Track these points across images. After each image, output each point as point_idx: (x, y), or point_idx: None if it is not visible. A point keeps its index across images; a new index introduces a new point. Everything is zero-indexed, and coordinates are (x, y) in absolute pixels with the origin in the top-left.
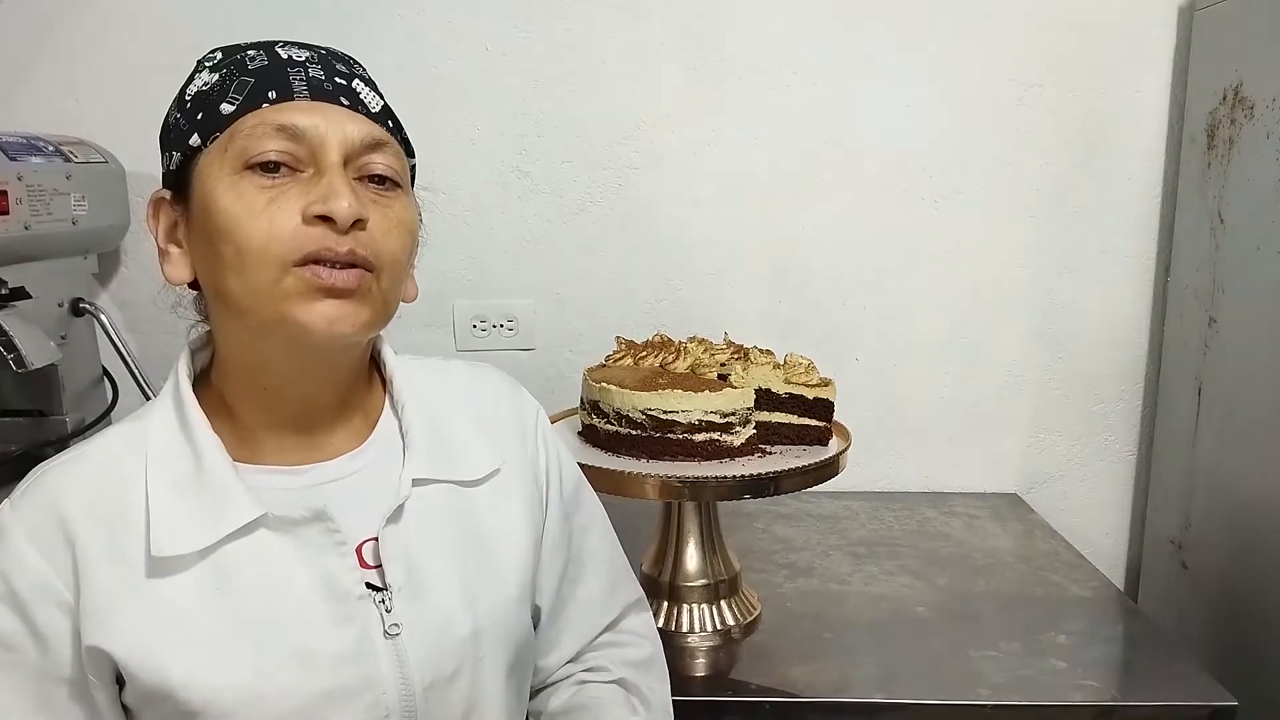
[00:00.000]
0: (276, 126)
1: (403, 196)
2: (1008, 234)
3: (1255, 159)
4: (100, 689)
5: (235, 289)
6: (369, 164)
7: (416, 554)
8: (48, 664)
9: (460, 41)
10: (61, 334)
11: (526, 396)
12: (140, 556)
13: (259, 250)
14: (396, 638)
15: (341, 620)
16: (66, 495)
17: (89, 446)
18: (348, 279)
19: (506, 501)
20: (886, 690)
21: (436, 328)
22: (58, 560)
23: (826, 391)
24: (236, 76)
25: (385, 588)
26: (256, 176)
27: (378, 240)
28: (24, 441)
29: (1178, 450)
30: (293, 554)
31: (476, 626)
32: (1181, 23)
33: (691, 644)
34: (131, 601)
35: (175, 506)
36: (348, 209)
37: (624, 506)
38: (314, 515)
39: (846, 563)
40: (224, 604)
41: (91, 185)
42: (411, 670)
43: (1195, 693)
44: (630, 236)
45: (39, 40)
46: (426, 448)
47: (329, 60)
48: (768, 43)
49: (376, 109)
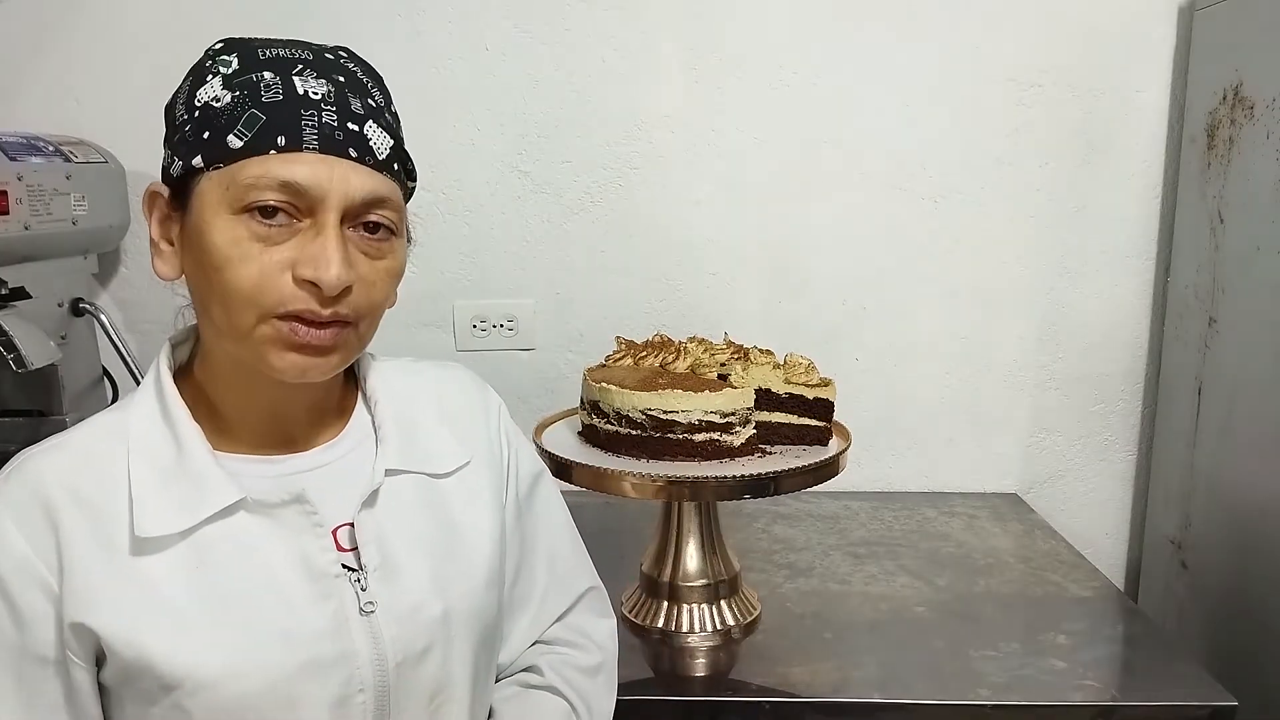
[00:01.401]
0: (279, 182)
1: (395, 243)
2: (1008, 234)
3: (1255, 159)
4: (79, 668)
5: (217, 317)
6: (367, 216)
7: (389, 539)
8: (26, 642)
9: (460, 41)
10: (61, 334)
11: (490, 393)
12: (123, 538)
13: (244, 296)
14: (371, 615)
15: (319, 597)
16: (49, 480)
17: (70, 435)
18: (323, 338)
19: (474, 493)
20: (886, 690)
21: (436, 328)
22: (41, 542)
23: (826, 391)
24: (248, 107)
25: (360, 568)
26: (253, 222)
27: (361, 295)
28: (24, 441)
29: (1178, 450)
30: (271, 535)
31: (447, 609)
32: (1181, 23)
33: (691, 644)
34: (115, 580)
35: (157, 490)
36: (335, 280)
37: (624, 506)
38: (293, 498)
39: (846, 563)
40: (204, 582)
41: (91, 185)
42: (385, 647)
43: (1195, 693)
44: (630, 236)
45: (39, 40)
46: (398, 441)
47: (344, 97)
48: (768, 42)
49: (384, 154)
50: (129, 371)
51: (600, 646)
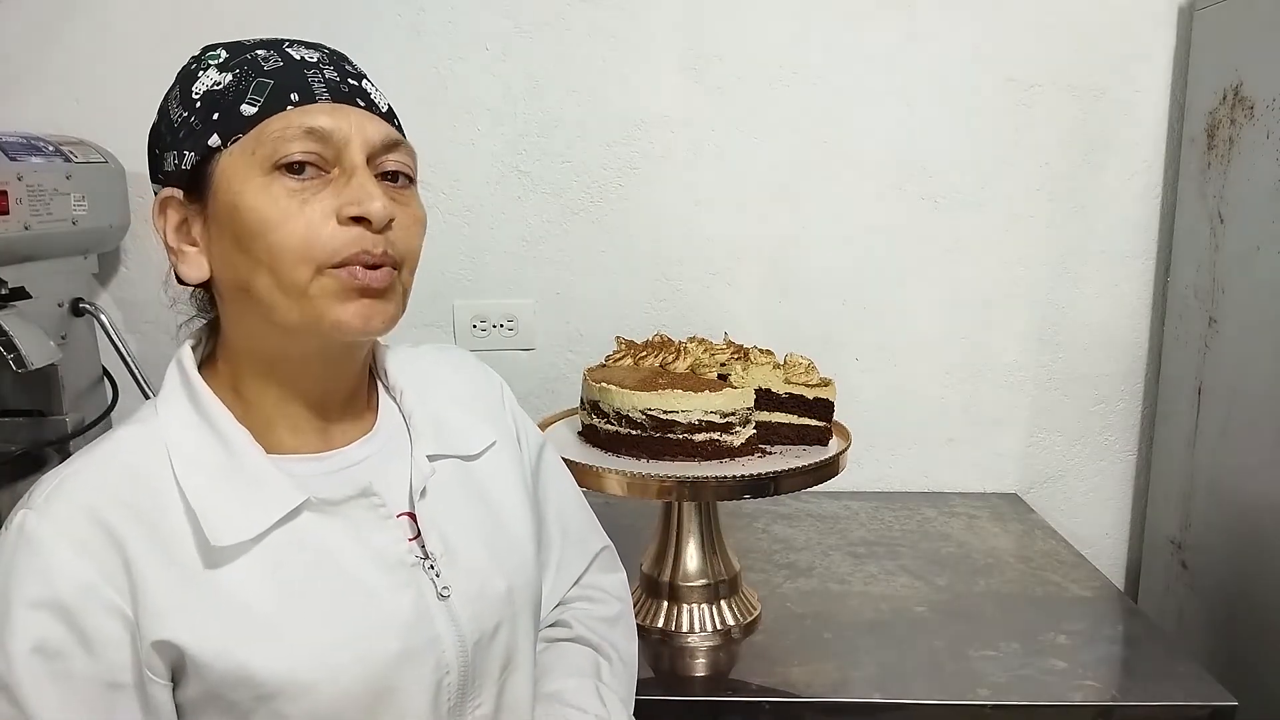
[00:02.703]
0: (305, 130)
1: (415, 193)
2: (1008, 234)
3: (1255, 159)
4: (160, 686)
5: (265, 287)
6: (388, 162)
7: (445, 525)
8: (99, 669)
9: (460, 41)
10: (61, 334)
11: (491, 371)
12: (189, 551)
13: (296, 251)
14: (448, 600)
15: (401, 586)
16: (99, 498)
17: (100, 451)
18: (381, 278)
19: (503, 470)
20: (886, 690)
21: (436, 328)
22: (105, 563)
23: (826, 391)
24: (253, 77)
25: (428, 555)
26: (285, 178)
27: (402, 238)
28: (24, 441)
29: (1178, 450)
30: (340, 532)
31: (509, 585)
32: (1181, 23)
33: (691, 644)
34: (193, 594)
35: (217, 499)
36: (382, 210)
37: (624, 506)
38: (359, 492)
39: (846, 563)
40: (285, 586)
41: (91, 185)
42: (464, 628)
43: (1195, 693)
44: (630, 236)
45: (39, 40)
46: (430, 428)
47: (338, 60)
48: (768, 42)
49: (384, 109)
50: (129, 371)
51: (618, 598)
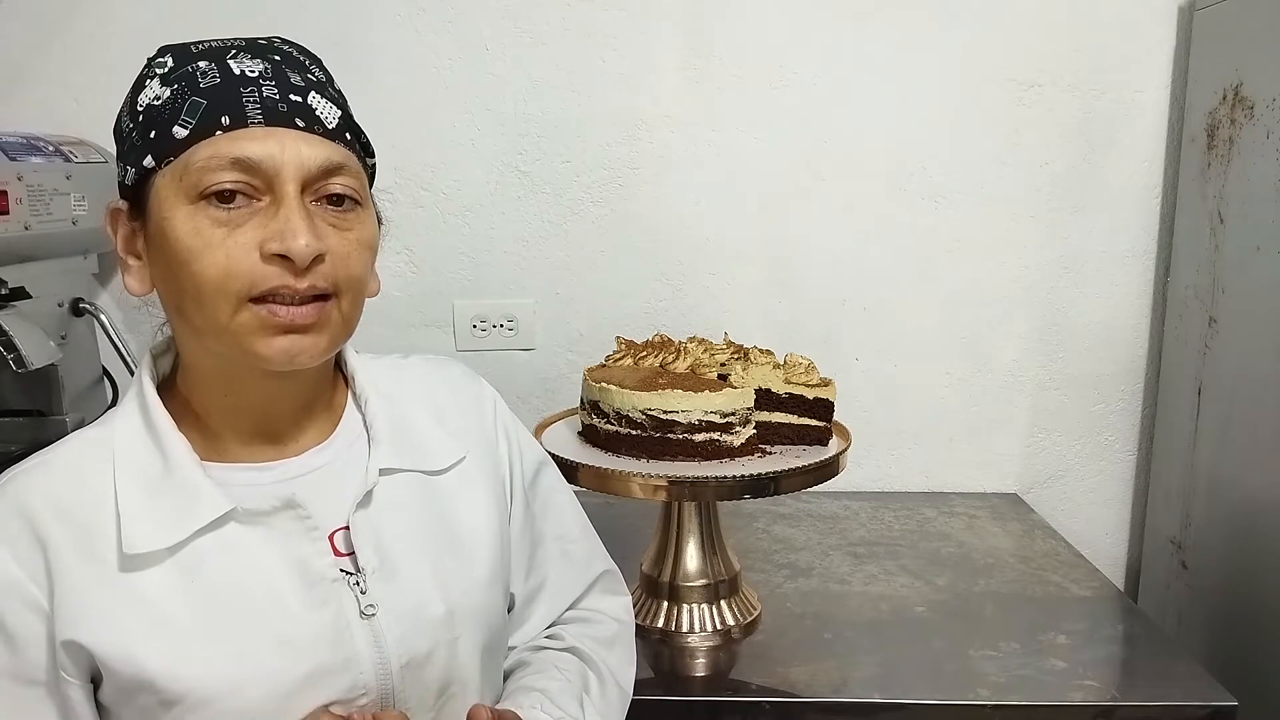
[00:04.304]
0: (231, 160)
1: (362, 213)
2: (1008, 234)
3: (1255, 159)
4: (74, 686)
5: (194, 316)
6: (329, 186)
7: (387, 539)
8: (19, 664)
9: (460, 41)
10: (61, 334)
11: (485, 386)
12: (112, 554)
13: (215, 285)
14: (372, 618)
15: (317, 603)
16: (34, 498)
17: (55, 451)
18: (306, 314)
19: (472, 489)
20: (886, 690)
21: (436, 328)
22: (29, 562)
23: (826, 391)
24: (188, 96)
25: (359, 571)
26: (212, 208)
27: (337, 267)
28: (24, 441)
29: (1178, 450)
30: (264, 544)
31: (450, 608)
32: (1181, 23)
33: (691, 644)
34: (106, 597)
35: (145, 505)
36: (305, 248)
37: (624, 506)
38: (284, 504)
39: (846, 563)
40: (199, 596)
41: (91, 185)
42: (389, 649)
43: (1195, 693)
44: (630, 236)
45: (39, 40)
46: (391, 440)
47: (283, 71)
48: (768, 42)
49: (333, 124)
50: (129, 372)
51: (616, 620)
